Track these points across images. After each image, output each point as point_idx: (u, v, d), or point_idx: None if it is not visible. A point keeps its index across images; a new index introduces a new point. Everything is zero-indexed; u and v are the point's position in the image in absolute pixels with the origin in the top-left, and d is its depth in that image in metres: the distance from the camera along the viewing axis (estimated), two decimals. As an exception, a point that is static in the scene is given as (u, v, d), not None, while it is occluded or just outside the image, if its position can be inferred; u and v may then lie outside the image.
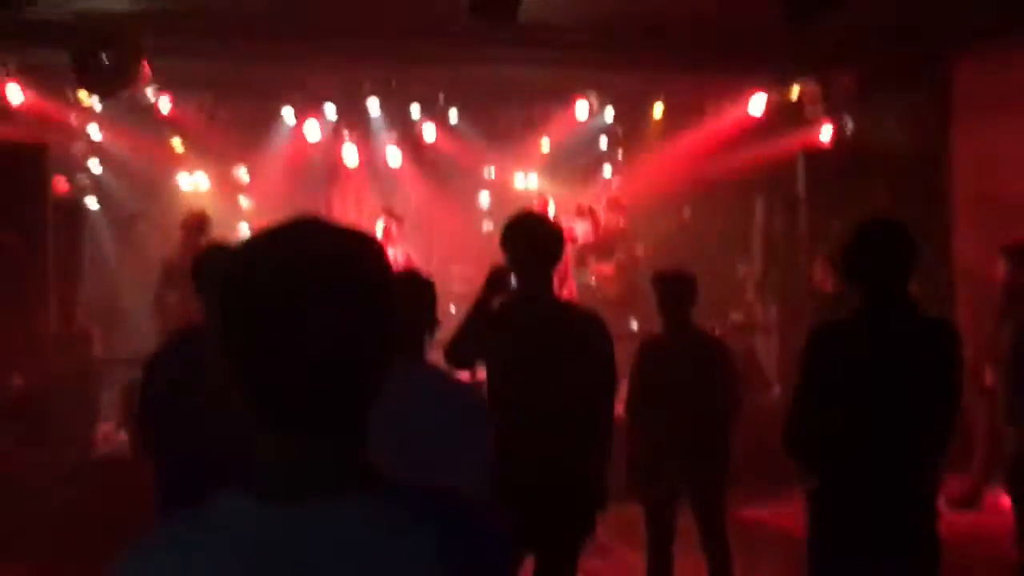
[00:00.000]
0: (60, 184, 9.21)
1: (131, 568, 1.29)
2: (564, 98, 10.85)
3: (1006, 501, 5.78)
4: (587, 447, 4.11)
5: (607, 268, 10.18)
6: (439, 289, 3.38)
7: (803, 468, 3.65)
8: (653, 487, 5.17)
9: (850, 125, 10.15)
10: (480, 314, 4.19)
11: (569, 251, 10.11)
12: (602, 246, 10.28)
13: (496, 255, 4.24)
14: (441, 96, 10.64)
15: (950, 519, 3.93)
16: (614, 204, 10.62)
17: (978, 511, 7.24)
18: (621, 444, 4.50)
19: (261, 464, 1.30)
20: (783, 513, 6.88)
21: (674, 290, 5.21)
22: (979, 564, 6.22)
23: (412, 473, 1.33)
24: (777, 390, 9.10)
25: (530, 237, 4.14)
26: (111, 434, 8.09)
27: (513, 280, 4.20)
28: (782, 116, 10.38)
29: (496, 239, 4.25)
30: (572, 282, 9.86)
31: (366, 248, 1.32)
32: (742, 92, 10.44)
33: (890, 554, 3.51)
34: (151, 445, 3.73)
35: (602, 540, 6.40)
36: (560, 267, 4.88)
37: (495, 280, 4.21)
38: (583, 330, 4.16)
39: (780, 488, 6.28)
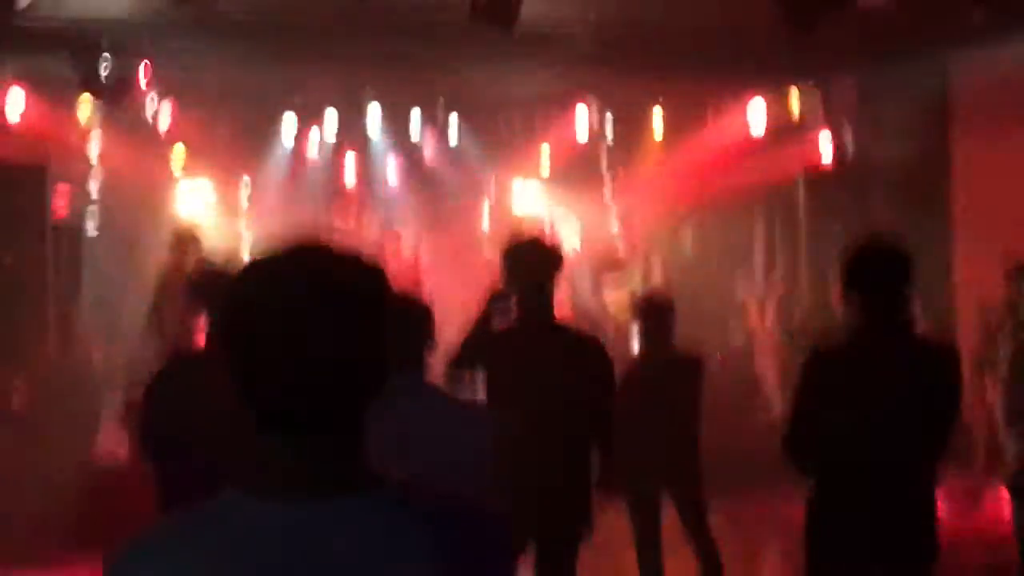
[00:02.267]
0: (60, 203, 9.21)
1: (130, 566, 1.30)
2: (564, 110, 10.85)
3: (1006, 503, 5.78)
4: (584, 461, 4.24)
5: (621, 295, 10.09)
6: (438, 302, 3.45)
7: (802, 473, 3.70)
8: (634, 488, 5.29)
9: (850, 135, 10.16)
10: (482, 326, 4.30)
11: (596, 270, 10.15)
12: (617, 273, 10.20)
13: (494, 266, 4.34)
14: (441, 100, 10.66)
15: (950, 521, 3.95)
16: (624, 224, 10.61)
17: (978, 510, 7.25)
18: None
19: (262, 466, 1.32)
20: (782, 517, 6.88)
21: (651, 314, 5.52)
22: (979, 568, 6.22)
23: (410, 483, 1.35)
24: (777, 410, 9.09)
25: (528, 261, 4.24)
26: (111, 449, 8.05)
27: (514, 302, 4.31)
28: (783, 130, 10.38)
29: (494, 253, 4.34)
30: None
31: (362, 267, 1.37)
32: (743, 100, 10.45)
33: (888, 558, 3.54)
34: (152, 461, 3.73)
35: (599, 538, 6.47)
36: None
37: (496, 298, 4.33)
38: (580, 351, 4.26)
39: (778, 495, 6.30)
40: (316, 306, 1.29)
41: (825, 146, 10.22)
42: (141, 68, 8.27)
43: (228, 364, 1.31)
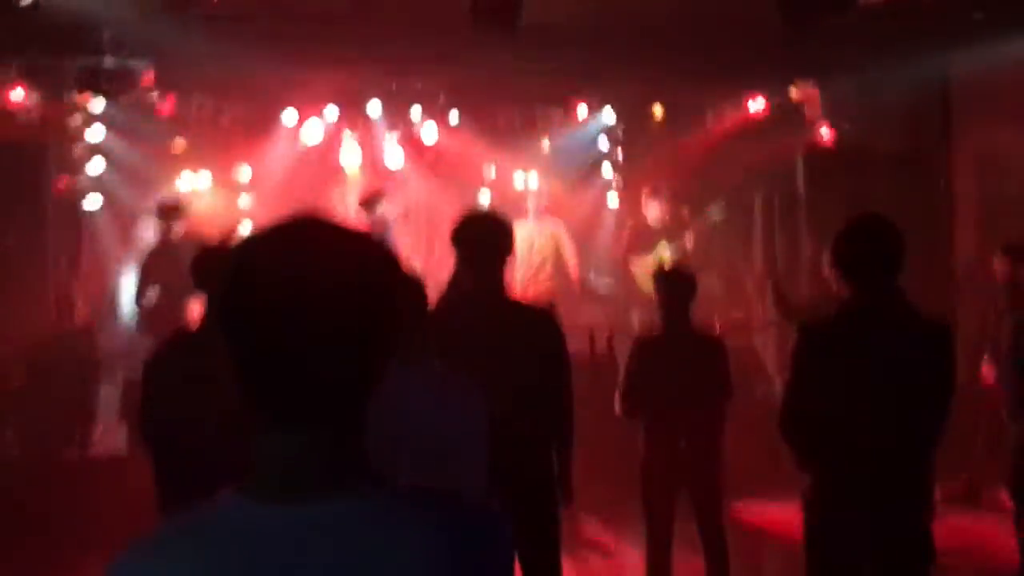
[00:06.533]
0: (61, 184, 9.21)
1: (130, 568, 1.29)
2: (564, 100, 10.83)
3: (1006, 499, 5.78)
4: (539, 443, 4.11)
5: (647, 267, 9.87)
6: (439, 289, 3.40)
7: (798, 453, 3.70)
8: (650, 483, 5.20)
9: (849, 127, 10.15)
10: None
11: (628, 240, 9.75)
12: (643, 242, 9.71)
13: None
14: (442, 96, 10.65)
15: (949, 518, 3.95)
16: (654, 192, 9.59)
17: (977, 508, 7.25)
18: (622, 443, 4.52)
19: (260, 464, 1.30)
20: (782, 511, 6.89)
21: (674, 288, 5.26)
22: (978, 564, 6.22)
23: (412, 471, 1.34)
24: (777, 386, 9.10)
25: (479, 234, 4.14)
26: (110, 430, 8.07)
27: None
28: (782, 118, 10.36)
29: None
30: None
31: (366, 245, 1.33)
32: (742, 94, 10.44)
33: (884, 550, 3.53)
34: (151, 447, 3.73)
35: (603, 539, 6.42)
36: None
37: (454, 279, 4.24)
38: (531, 326, 4.16)
39: (779, 485, 6.32)
40: (320, 280, 1.25)
41: (825, 137, 10.21)
42: (142, 65, 8.25)
43: (226, 344, 1.27)
